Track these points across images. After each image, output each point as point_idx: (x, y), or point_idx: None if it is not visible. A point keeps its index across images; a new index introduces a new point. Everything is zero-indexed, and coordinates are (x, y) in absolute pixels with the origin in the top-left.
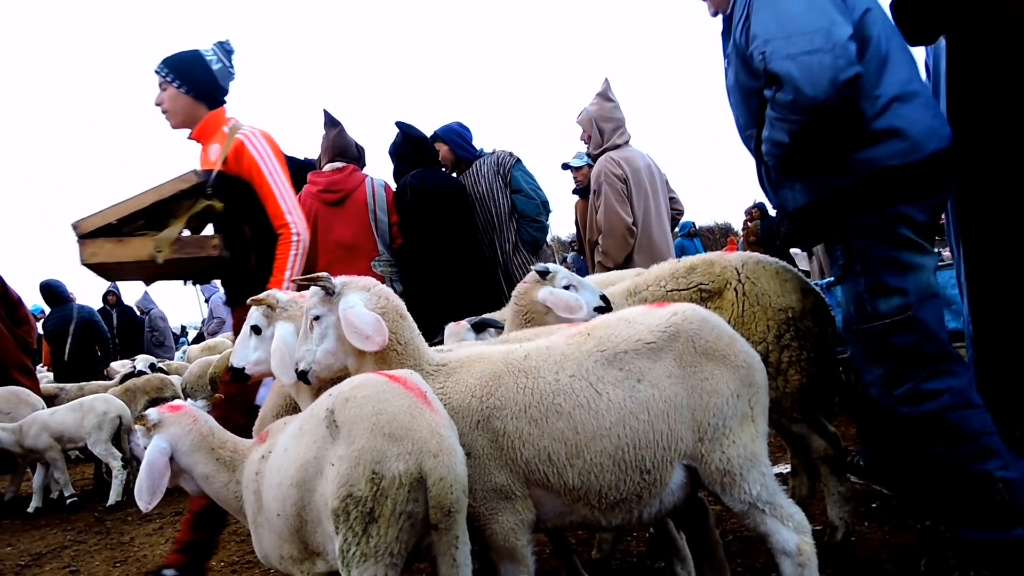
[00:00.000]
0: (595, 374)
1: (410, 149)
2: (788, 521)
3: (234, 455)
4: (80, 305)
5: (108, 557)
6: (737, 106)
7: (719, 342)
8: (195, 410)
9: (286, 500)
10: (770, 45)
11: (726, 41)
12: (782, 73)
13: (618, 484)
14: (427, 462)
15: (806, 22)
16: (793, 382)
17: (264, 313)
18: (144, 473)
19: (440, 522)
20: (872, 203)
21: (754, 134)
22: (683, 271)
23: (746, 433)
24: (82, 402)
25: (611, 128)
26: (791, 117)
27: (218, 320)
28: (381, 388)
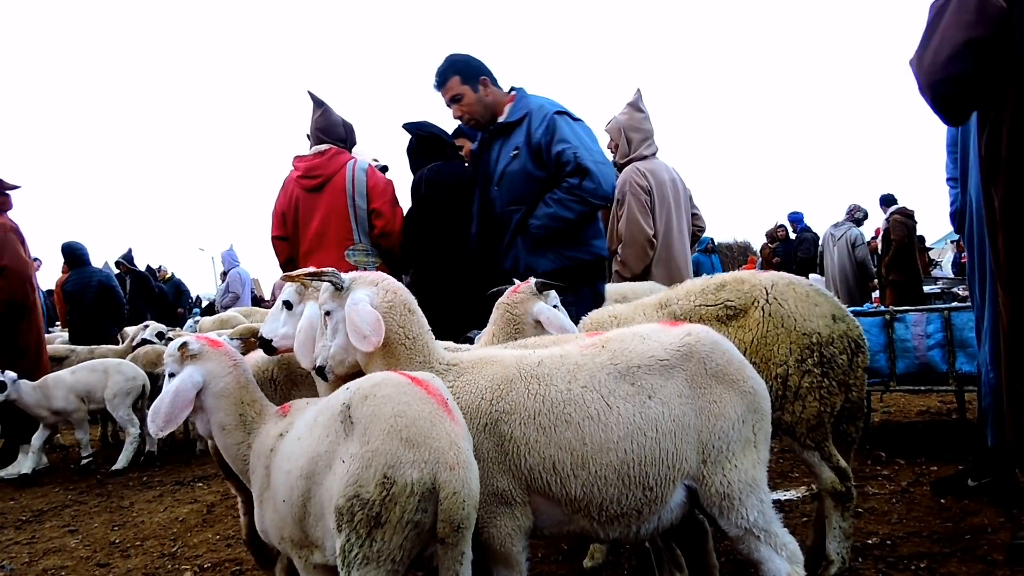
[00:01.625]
0: (607, 387)
1: (423, 147)
2: (782, 550)
3: (256, 418)
4: (99, 269)
5: (107, 520)
6: (513, 188)
7: (729, 366)
8: (237, 354)
9: (294, 490)
10: (579, 150)
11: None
12: (592, 169)
13: (620, 498)
14: (442, 474)
15: (597, 147)
16: (810, 408)
17: (298, 290)
18: (168, 398)
19: (447, 536)
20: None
21: (520, 210)
22: (713, 287)
23: (748, 459)
24: (106, 364)
25: (639, 139)
26: (589, 200)
27: (232, 295)
28: (402, 390)
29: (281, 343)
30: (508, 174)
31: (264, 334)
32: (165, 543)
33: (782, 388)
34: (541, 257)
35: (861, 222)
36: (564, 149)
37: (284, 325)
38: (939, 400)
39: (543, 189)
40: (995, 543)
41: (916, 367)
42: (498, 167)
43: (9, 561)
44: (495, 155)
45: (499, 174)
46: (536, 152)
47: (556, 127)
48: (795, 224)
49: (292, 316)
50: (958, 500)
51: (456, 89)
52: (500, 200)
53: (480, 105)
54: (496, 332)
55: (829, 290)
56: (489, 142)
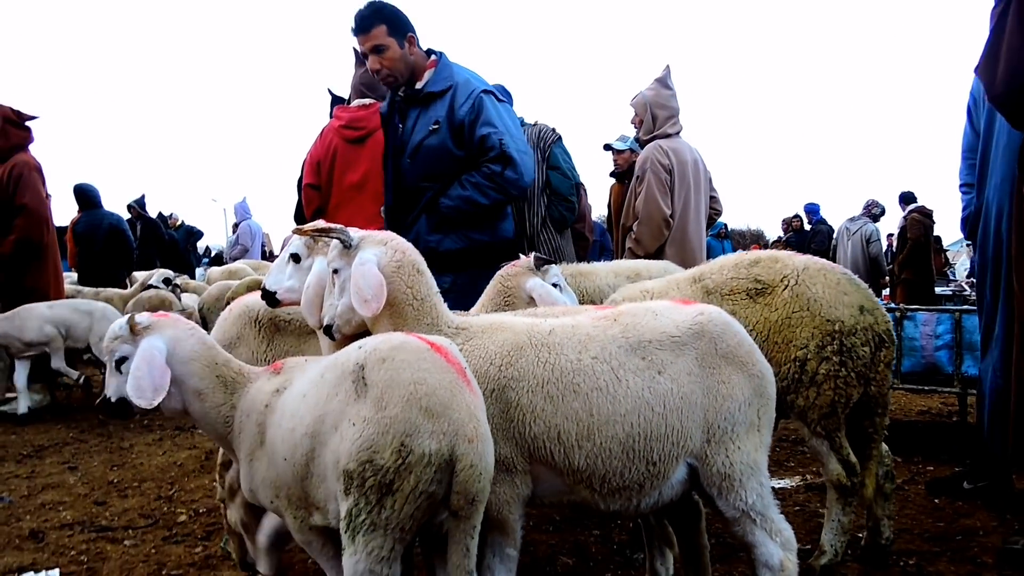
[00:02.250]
0: (618, 359)
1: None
2: (776, 536)
3: (237, 377)
4: (111, 212)
5: (106, 459)
6: (428, 163)
7: (739, 348)
8: (190, 322)
9: (297, 448)
10: (505, 137)
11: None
12: (516, 159)
13: (623, 472)
14: (461, 446)
15: (521, 134)
16: (824, 396)
17: (306, 244)
18: (143, 369)
19: (461, 509)
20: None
21: (433, 188)
22: (747, 262)
23: (751, 442)
24: (91, 307)
25: (664, 116)
26: (508, 190)
27: (241, 247)
28: (422, 356)
29: (286, 296)
30: (425, 148)
31: (268, 285)
32: (162, 486)
33: (799, 372)
34: (444, 236)
35: (878, 218)
36: (490, 133)
37: (290, 278)
38: (940, 401)
39: (459, 169)
40: (986, 546)
41: (922, 366)
42: (413, 138)
43: (8, 493)
44: (411, 125)
45: (414, 146)
46: (458, 130)
47: (483, 107)
48: (811, 215)
49: (299, 270)
50: (952, 501)
51: (381, 39)
52: (412, 174)
53: (403, 63)
54: (486, 303)
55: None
56: (404, 108)
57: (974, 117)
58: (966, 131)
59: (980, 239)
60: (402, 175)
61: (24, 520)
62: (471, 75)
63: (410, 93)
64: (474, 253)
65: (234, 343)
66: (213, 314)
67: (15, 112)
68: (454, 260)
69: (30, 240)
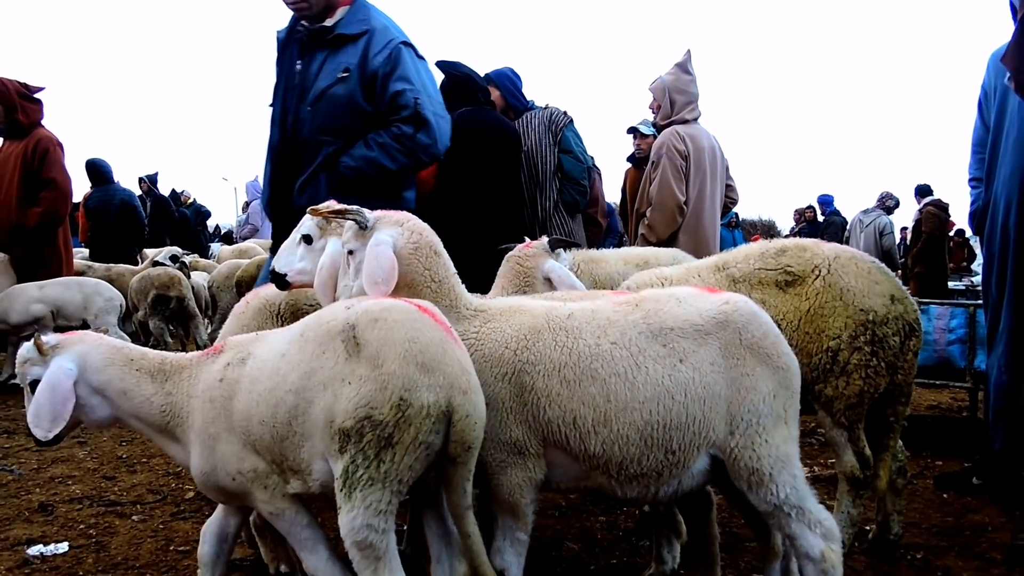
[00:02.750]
0: (638, 345)
1: (456, 88)
2: (816, 527)
3: (162, 365)
4: (123, 188)
5: (115, 435)
6: (331, 115)
7: (765, 340)
8: (97, 333)
9: (279, 406)
10: (421, 96)
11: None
12: (431, 121)
13: (641, 459)
14: (456, 398)
15: (438, 95)
16: (854, 385)
17: (319, 224)
18: (44, 396)
19: (459, 456)
20: None
21: (335, 144)
22: (774, 252)
23: (779, 434)
24: (81, 283)
25: (683, 101)
26: (419, 155)
27: (251, 227)
28: (412, 316)
29: (297, 278)
30: (329, 97)
31: (278, 268)
32: (171, 462)
33: (831, 362)
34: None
35: (892, 210)
36: (405, 90)
37: (301, 260)
38: (951, 396)
39: (367, 125)
40: (994, 542)
41: (934, 360)
42: (318, 84)
43: (18, 466)
44: (316, 68)
45: (317, 93)
46: (370, 82)
47: (400, 60)
48: (824, 207)
49: (311, 251)
50: (960, 496)
51: None
52: (311, 124)
53: None
54: (505, 285)
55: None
56: (308, 46)
57: (985, 111)
58: (976, 125)
59: (988, 234)
60: (299, 124)
61: (33, 493)
62: (390, 23)
63: (318, 29)
64: None
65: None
66: (223, 292)
67: (24, 86)
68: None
69: (56, 214)
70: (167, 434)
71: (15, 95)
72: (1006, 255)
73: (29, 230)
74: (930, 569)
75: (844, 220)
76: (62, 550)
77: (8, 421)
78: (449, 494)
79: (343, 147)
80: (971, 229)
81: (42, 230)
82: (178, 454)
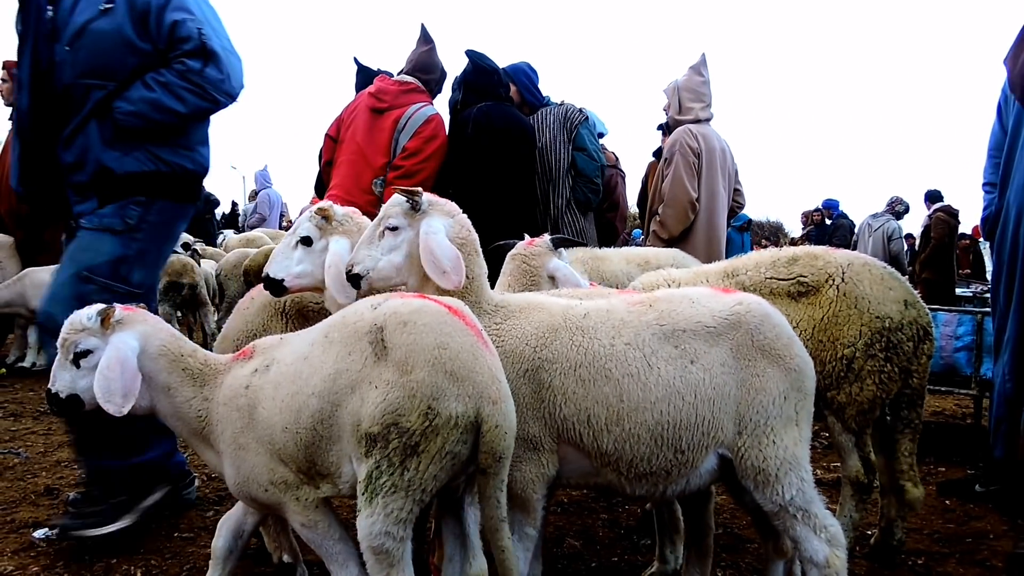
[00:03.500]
0: (650, 346)
1: (480, 80)
2: (821, 532)
3: (204, 368)
4: None
5: None
6: (97, 54)
7: (777, 341)
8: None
9: (302, 411)
10: (205, 27)
11: None
12: (219, 54)
13: (651, 458)
14: (485, 407)
15: (225, 31)
16: (867, 391)
17: (318, 224)
18: (116, 371)
19: (489, 467)
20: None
21: (105, 88)
22: (785, 261)
23: (789, 436)
24: None
25: (691, 99)
26: (211, 93)
27: (259, 216)
28: (443, 320)
29: (295, 282)
30: (92, 32)
31: (273, 273)
32: None
33: (845, 370)
34: (125, 155)
35: (901, 215)
36: (184, 20)
37: (300, 263)
38: (955, 403)
39: (144, 66)
40: (996, 550)
41: (940, 367)
42: (75, 19)
43: (25, 449)
44: (70, 3)
45: (76, 29)
46: (142, 15)
47: None
48: (830, 211)
49: (311, 253)
50: (963, 503)
51: None
52: (73, 66)
53: None
54: (512, 283)
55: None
56: None
57: (1004, 115)
58: (994, 129)
59: (998, 241)
60: (58, 68)
61: (40, 476)
62: None
63: None
64: (166, 181)
65: (259, 334)
66: (231, 281)
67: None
68: (138, 186)
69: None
70: (202, 439)
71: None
72: (1015, 263)
73: (27, 216)
74: (931, 575)
75: (852, 223)
76: None
77: (15, 404)
78: (483, 506)
79: (116, 90)
80: (982, 234)
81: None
82: (212, 460)
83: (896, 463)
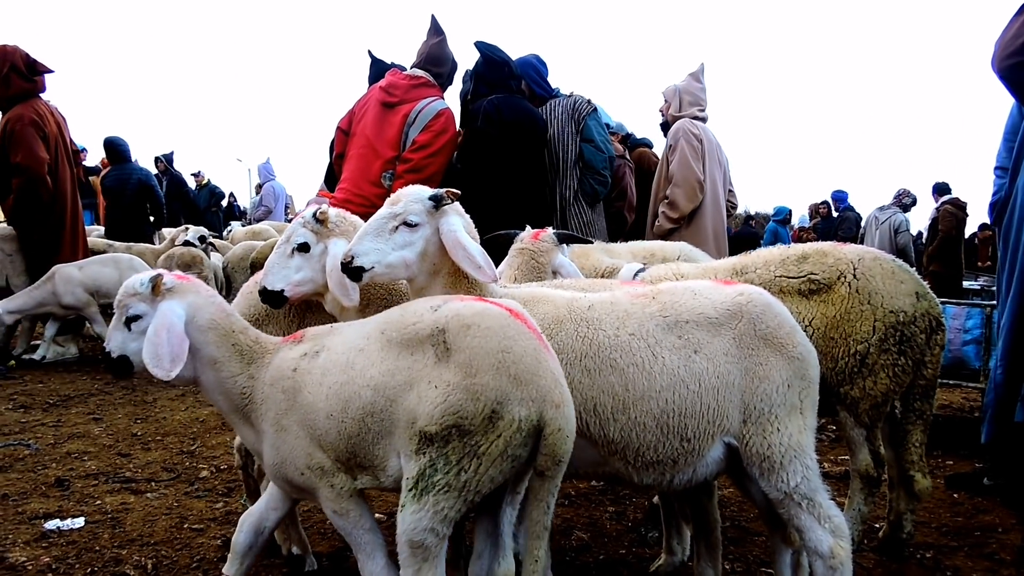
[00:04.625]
0: (654, 336)
1: (491, 71)
2: (825, 522)
3: (254, 346)
4: (140, 167)
5: (130, 412)
6: None
7: (779, 330)
8: (210, 288)
9: (351, 401)
10: None
11: None
12: None
13: (657, 446)
14: (548, 411)
15: None
16: (880, 385)
17: (313, 229)
18: (163, 336)
19: (548, 470)
20: None
21: None
22: (794, 259)
23: (793, 424)
24: (117, 259)
25: (690, 101)
26: None
27: (265, 208)
28: (506, 324)
29: (296, 291)
30: None
31: (271, 286)
32: (184, 441)
33: (858, 365)
34: None
35: (908, 208)
36: None
37: (299, 271)
38: (963, 396)
39: None
40: (1004, 543)
41: (948, 360)
42: None
43: (35, 441)
44: None
45: None
46: None
47: None
48: (838, 203)
49: (309, 258)
50: (971, 496)
51: None
52: None
53: None
54: (517, 276)
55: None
56: None
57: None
58: (1012, 111)
59: (1004, 228)
60: None
61: (50, 468)
62: None
63: None
64: None
65: (262, 321)
66: (237, 273)
67: (27, 61)
68: None
69: (28, 200)
70: (243, 416)
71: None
72: (1019, 249)
73: (11, 217)
74: (939, 568)
75: (858, 216)
76: (78, 525)
77: (25, 396)
78: (532, 509)
79: None
80: (990, 219)
81: (22, 216)
82: (248, 437)
83: (907, 454)
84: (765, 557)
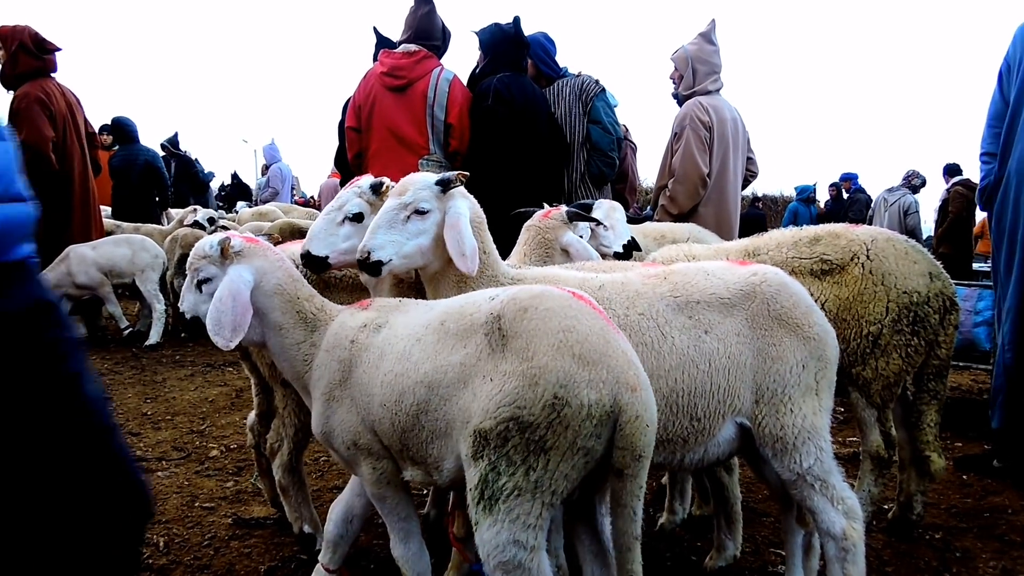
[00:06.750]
0: (664, 317)
1: (508, 48)
2: (838, 504)
3: (319, 313)
4: (147, 148)
5: (140, 392)
6: None
7: (795, 310)
8: (278, 250)
9: (405, 396)
10: None
11: None
12: None
13: (666, 425)
14: (624, 395)
15: None
16: (893, 365)
17: (369, 200)
18: (228, 304)
19: (627, 467)
20: None
21: None
22: (807, 240)
23: (808, 405)
24: (130, 239)
25: (705, 71)
26: None
27: (272, 190)
28: (567, 303)
29: (341, 259)
30: None
31: (315, 251)
32: (194, 421)
33: (871, 346)
34: None
35: (918, 189)
36: None
37: (347, 239)
38: (972, 378)
39: None
40: (1014, 524)
41: (958, 342)
42: None
43: None
44: None
45: None
46: None
47: None
48: (848, 184)
49: (360, 229)
50: (981, 478)
51: None
52: None
53: None
54: (528, 253)
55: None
56: None
57: (1005, 84)
58: (995, 98)
59: (998, 210)
60: None
61: None
62: None
63: None
64: None
65: None
66: None
67: (35, 39)
68: None
69: (32, 177)
70: (301, 383)
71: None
72: (1016, 233)
73: None
74: (949, 550)
75: (869, 197)
76: None
77: None
78: (615, 517)
79: None
80: (979, 205)
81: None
82: (309, 402)
83: (921, 434)
84: (773, 537)
